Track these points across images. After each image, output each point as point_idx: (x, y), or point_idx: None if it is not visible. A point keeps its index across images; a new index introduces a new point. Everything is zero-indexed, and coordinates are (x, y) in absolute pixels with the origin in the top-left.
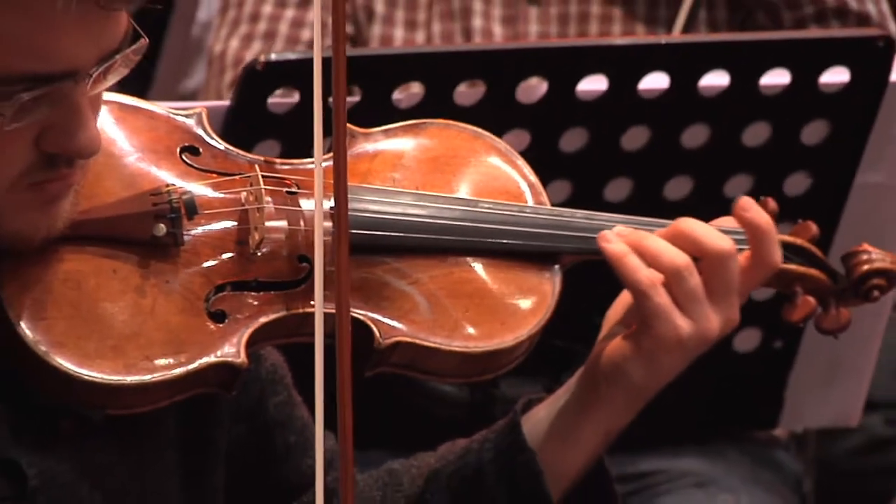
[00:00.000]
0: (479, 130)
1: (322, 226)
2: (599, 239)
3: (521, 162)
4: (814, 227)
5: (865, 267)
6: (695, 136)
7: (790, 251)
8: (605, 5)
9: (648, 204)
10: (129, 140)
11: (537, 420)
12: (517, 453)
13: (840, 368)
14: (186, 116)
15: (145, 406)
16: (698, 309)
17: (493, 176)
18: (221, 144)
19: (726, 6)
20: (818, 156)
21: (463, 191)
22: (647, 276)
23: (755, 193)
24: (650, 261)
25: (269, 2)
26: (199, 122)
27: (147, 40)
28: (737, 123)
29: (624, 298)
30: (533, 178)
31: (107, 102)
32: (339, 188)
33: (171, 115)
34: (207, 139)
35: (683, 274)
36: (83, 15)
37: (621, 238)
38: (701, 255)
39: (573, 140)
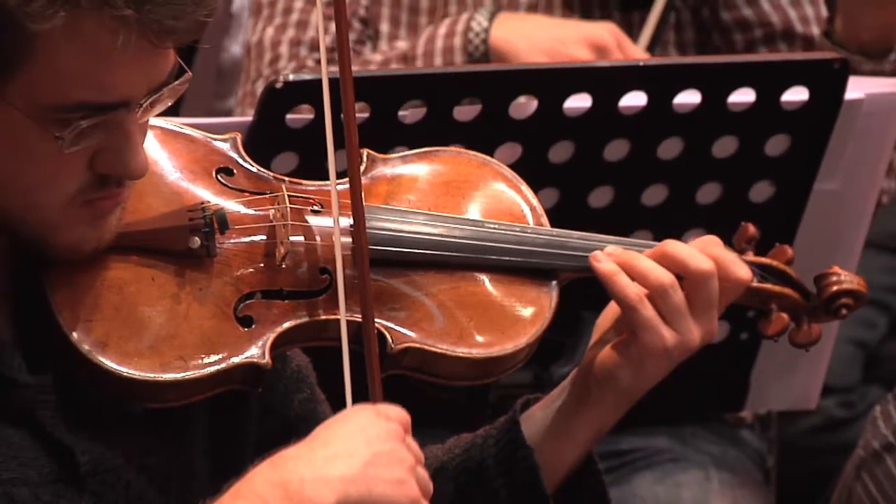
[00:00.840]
0: (488, 158)
1: (340, 241)
2: (591, 259)
3: (524, 187)
4: (789, 251)
5: (835, 287)
6: (669, 148)
7: (767, 272)
8: None
9: (628, 210)
10: (170, 161)
11: (535, 419)
12: (516, 449)
13: (799, 358)
14: (223, 141)
15: (179, 401)
16: (682, 322)
17: (498, 199)
18: (254, 166)
19: (693, 27)
20: (780, 166)
21: (471, 212)
22: (635, 292)
23: (723, 201)
24: (639, 279)
25: (300, 1)
26: (234, 146)
27: (191, 74)
28: (707, 137)
29: (612, 309)
30: (535, 201)
31: (151, 127)
32: (357, 208)
33: (209, 140)
34: (241, 161)
35: (668, 291)
36: (139, 52)
37: (612, 258)
38: (685, 274)
39: (560, 152)
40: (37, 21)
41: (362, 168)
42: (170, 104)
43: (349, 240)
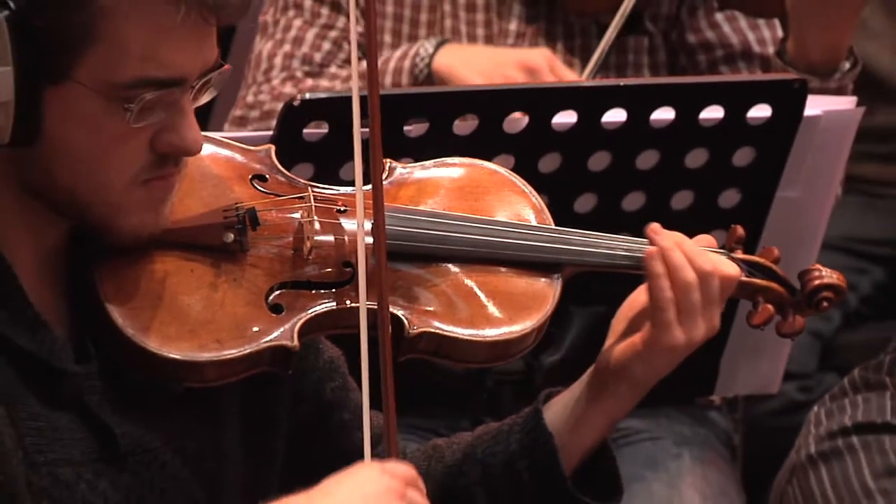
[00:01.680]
0: (497, 167)
1: (364, 239)
2: (647, 256)
3: (528, 190)
4: (776, 251)
5: (817, 282)
6: (647, 159)
7: (755, 268)
8: (566, 55)
9: (609, 215)
10: (212, 168)
11: (555, 409)
12: (538, 436)
13: (763, 347)
14: (259, 151)
15: (216, 381)
16: (693, 320)
17: (507, 201)
18: (285, 174)
19: (664, 50)
20: (746, 176)
21: (483, 212)
22: (670, 295)
23: (695, 207)
24: (672, 273)
25: (298, 21)
26: (268, 156)
27: (230, 67)
28: (680, 149)
29: (626, 309)
30: (539, 203)
31: (207, 138)
32: (378, 208)
33: (247, 150)
34: (273, 169)
35: (693, 289)
36: (194, 29)
37: (661, 255)
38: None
39: (549, 163)
40: None
41: (385, 174)
42: (214, 94)
43: (369, 239)
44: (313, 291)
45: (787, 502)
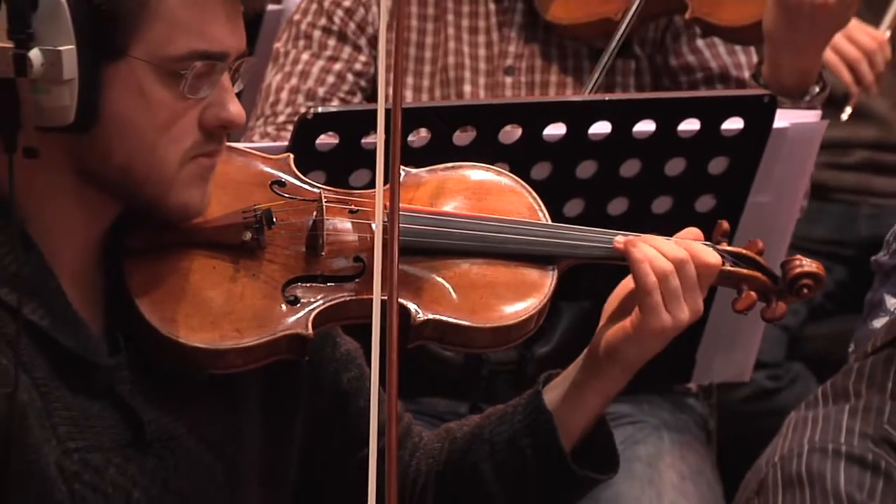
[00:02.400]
0: (499, 170)
1: (381, 234)
2: (626, 243)
3: (526, 192)
4: (760, 244)
5: (797, 270)
6: (630, 167)
7: (740, 259)
8: (559, 75)
9: (595, 219)
10: (234, 175)
11: (554, 390)
12: (539, 415)
13: (736, 338)
14: (278, 160)
15: (237, 368)
16: (677, 304)
17: (508, 200)
18: (301, 180)
19: (649, 74)
20: (721, 182)
21: (487, 211)
22: (654, 279)
23: (674, 211)
24: (652, 262)
25: (306, 54)
26: (287, 164)
27: (254, 58)
28: (660, 158)
29: (616, 296)
30: (536, 203)
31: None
32: (393, 207)
33: (267, 159)
34: (291, 175)
35: (669, 276)
36: (229, 10)
37: (638, 245)
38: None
39: (540, 170)
40: None
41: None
42: (241, 87)
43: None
44: (326, 284)
45: None
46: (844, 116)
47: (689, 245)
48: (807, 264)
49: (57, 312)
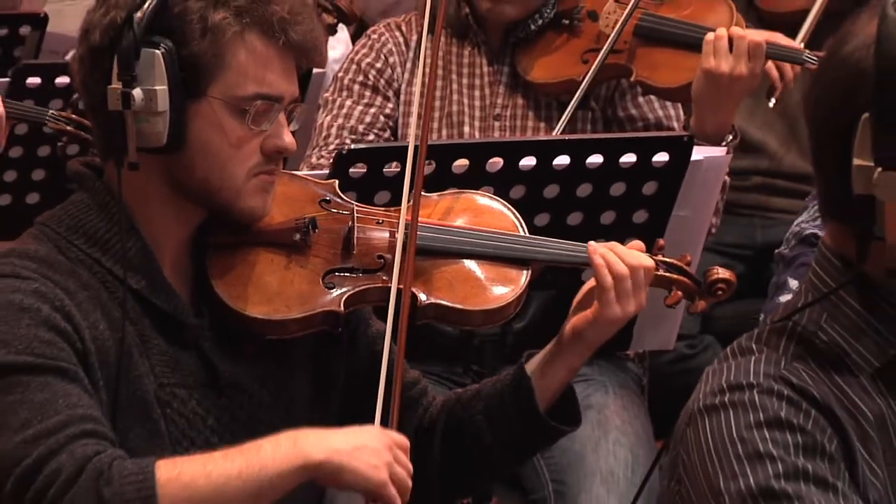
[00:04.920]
0: (492, 196)
1: (402, 241)
2: (590, 251)
3: (508, 211)
4: (689, 257)
5: (715, 277)
6: (584, 189)
7: (672, 268)
8: (535, 121)
9: (558, 229)
10: (292, 194)
11: (533, 363)
12: (521, 381)
13: (663, 319)
14: (326, 184)
15: (287, 334)
16: (627, 300)
17: (496, 218)
18: (340, 198)
19: (602, 122)
20: (652, 201)
21: (480, 225)
22: (610, 280)
23: (617, 222)
24: (609, 267)
25: (349, 101)
26: (332, 187)
27: (306, 106)
28: (607, 182)
29: (580, 295)
30: (517, 220)
31: (283, 173)
32: (414, 221)
33: (318, 182)
34: (334, 195)
35: (626, 279)
36: (284, 63)
37: (600, 252)
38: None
39: (517, 192)
40: (228, 32)
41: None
42: (295, 128)
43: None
44: (355, 275)
45: (685, 442)
46: (771, 104)
47: (637, 255)
48: (722, 273)
49: (156, 284)
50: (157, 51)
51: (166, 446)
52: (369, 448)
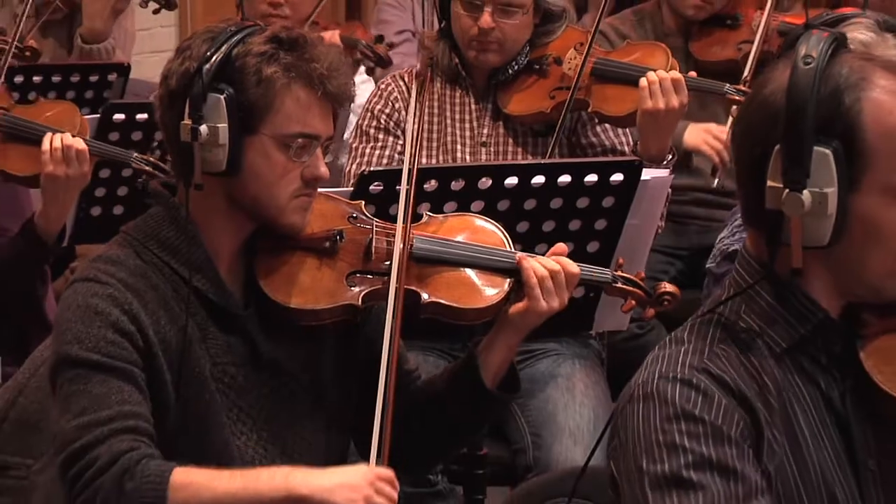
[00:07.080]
0: (486, 218)
1: (400, 249)
2: (519, 258)
3: (498, 230)
4: (642, 273)
5: (662, 290)
6: (556, 202)
7: (627, 281)
8: (514, 146)
9: (535, 234)
10: (327, 210)
11: (481, 346)
12: (470, 360)
13: (617, 310)
14: (355, 203)
15: (316, 321)
16: (550, 297)
17: (488, 235)
18: (365, 215)
19: (568, 148)
20: (610, 212)
21: (473, 240)
22: (536, 280)
23: (581, 229)
24: (537, 271)
25: (368, 147)
26: (359, 206)
27: (337, 144)
28: (573, 197)
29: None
30: (504, 237)
31: (321, 193)
32: (405, 236)
33: (349, 203)
34: (360, 213)
35: (548, 279)
36: (322, 108)
37: (527, 261)
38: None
39: (502, 205)
40: (278, 83)
41: (424, 218)
42: (330, 160)
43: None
44: (372, 276)
45: (623, 416)
46: (715, 183)
47: (562, 260)
48: (670, 287)
49: (213, 283)
50: (220, 96)
51: (221, 412)
52: (349, 485)
